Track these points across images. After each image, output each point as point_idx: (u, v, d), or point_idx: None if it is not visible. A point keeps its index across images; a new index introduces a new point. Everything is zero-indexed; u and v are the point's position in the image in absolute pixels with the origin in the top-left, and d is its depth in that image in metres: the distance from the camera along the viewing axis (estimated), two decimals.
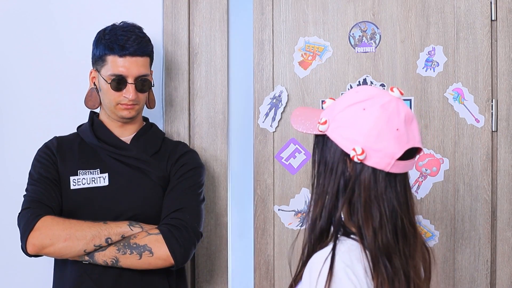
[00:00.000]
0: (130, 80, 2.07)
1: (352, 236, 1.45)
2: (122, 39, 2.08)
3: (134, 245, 1.97)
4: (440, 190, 2.29)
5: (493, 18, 2.25)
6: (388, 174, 1.42)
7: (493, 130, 2.26)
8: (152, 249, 1.97)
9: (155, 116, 2.33)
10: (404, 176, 1.46)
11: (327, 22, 2.33)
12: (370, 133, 1.39)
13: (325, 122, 1.45)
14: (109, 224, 1.99)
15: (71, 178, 2.09)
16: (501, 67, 2.25)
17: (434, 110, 2.29)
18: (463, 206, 2.28)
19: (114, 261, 1.98)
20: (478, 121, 2.26)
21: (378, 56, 2.31)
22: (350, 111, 1.43)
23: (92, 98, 2.16)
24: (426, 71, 2.29)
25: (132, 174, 2.10)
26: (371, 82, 2.31)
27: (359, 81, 2.32)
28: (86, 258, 1.99)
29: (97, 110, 2.21)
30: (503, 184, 2.26)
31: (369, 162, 1.40)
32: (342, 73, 2.33)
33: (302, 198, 2.35)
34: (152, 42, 2.32)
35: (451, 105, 2.28)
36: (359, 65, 2.32)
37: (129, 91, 2.07)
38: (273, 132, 2.35)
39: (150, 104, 2.21)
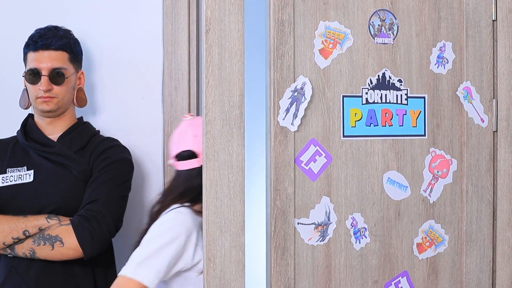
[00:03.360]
0: (44, 72, 2.21)
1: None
2: (36, 36, 2.23)
3: (47, 236, 2.05)
4: (449, 192, 2.20)
5: (493, 18, 2.25)
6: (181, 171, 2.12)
7: (494, 130, 2.26)
8: (63, 239, 2.05)
9: (155, 116, 2.34)
10: (184, 172, 2.11)
11: (347, 6, 2.05)
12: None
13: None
14: (28, 218, 2.08)
15: (0, 176, 2.19)
16: (501, 67, 2.26)
17: (445, 109, 2.19)
18: (471, 208, 2.22)
19: (31, 253, 2.07)
20: (483, 121, 2.24)
21: (396, 49, 2.12)
22: None
23: (23, 98, 2.30)
24: (437, 67, 2.17)
25: (55, 170, 2.19)
26: (390, 77, 2.11)
27: (378, 75, 2.09)
28: (8, 250, 2.09)
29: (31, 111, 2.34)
30: (503, 184, 2.27)
31: (177, 167, 2.10)
32: (362, 65, 2.07)
33: (323, 208, 2.02)
34: (152, 42, 2.40)
35: (462, 104, 2.21)
36: (378, 57, 2.09)
37: (42, 83, 2.19)
38: (295, 131, 1.98)
39: (78, 102, 2.31)
